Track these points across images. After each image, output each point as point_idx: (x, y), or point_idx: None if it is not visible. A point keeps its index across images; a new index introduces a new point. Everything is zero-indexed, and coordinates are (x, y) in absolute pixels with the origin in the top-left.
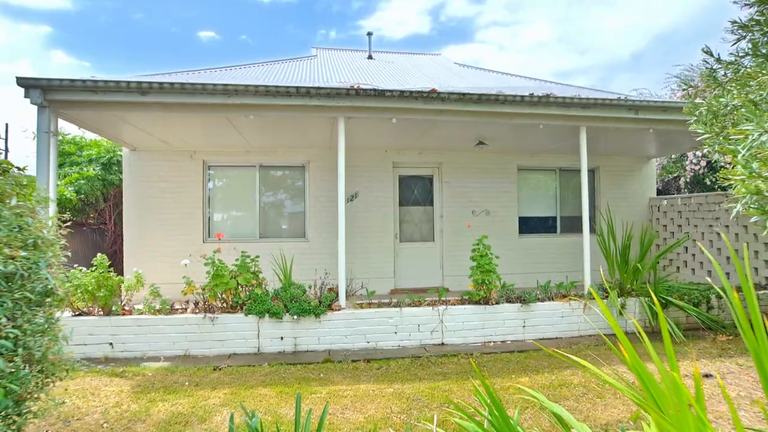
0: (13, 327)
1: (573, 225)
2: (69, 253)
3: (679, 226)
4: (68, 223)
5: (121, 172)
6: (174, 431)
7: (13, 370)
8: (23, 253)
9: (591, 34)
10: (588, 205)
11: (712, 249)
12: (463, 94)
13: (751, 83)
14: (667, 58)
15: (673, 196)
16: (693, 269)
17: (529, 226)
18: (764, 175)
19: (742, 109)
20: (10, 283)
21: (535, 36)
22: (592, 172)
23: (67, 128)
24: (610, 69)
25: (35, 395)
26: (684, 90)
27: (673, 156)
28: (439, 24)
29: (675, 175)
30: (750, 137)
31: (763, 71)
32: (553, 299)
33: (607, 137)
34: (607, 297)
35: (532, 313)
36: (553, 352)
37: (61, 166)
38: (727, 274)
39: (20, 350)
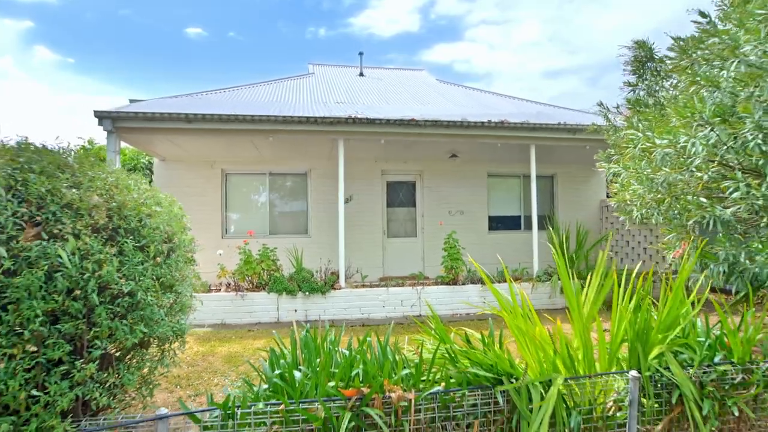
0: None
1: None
2: None
3: (623, 223)
4: None
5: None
6: (236, 360)
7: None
8: (183, 235)
9: (581, 34)
10: (537, 207)
11: (646, 241)
12: (436, 121)
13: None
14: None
15: None
16: (632, 259)
17: (497, 223)
18: (629, 190)
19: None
20: (179, 249)
21: (526, 35)
22: (551, 177)
23: (97, 138)
24: (600, 68)
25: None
26: (594, 128)
27: None
28: (429, 22)
29: None
30: (603, 170)
31: (631, 121)
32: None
33: (561, 150)
34: (550, 280)
35: (490, 291)
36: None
37: None
38: (656, 262)
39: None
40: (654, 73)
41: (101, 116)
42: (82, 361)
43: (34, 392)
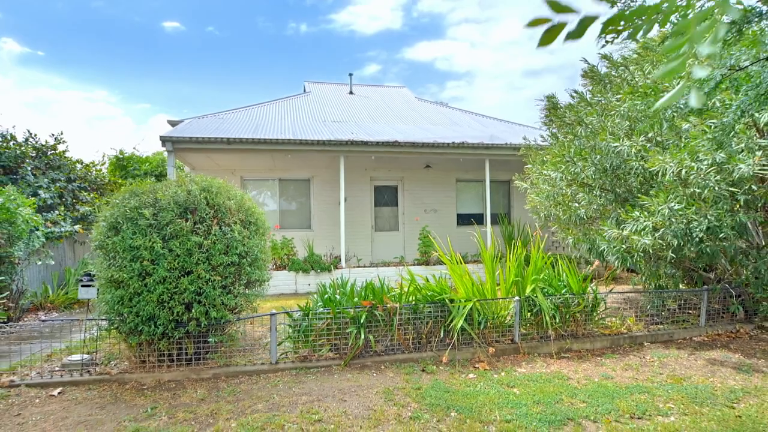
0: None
1: (495, 219)
2: None
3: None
4: None
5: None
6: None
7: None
8: (266, 225)
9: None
10: (492, 207)
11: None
12: (413, 143)
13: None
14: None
15: None
16: (551, 247)
17: (465, 219)
18: (535, 199)
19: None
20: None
21: (507, 34)
22: (507, 182)
23: (125, 147)
24: (579, 67)
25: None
26: (522, 151)
27: None
28: (412, 20)
29: None
30: (521, 187)
31: (528, 158)
32: (469, 262)
33: (514, 161)
34: (501, 260)
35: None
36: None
37: (123, 177)
38: (564, 247)
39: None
40: (561, 116)
41: (165, 140)
42: (237, 285)
43: (221, 300)
